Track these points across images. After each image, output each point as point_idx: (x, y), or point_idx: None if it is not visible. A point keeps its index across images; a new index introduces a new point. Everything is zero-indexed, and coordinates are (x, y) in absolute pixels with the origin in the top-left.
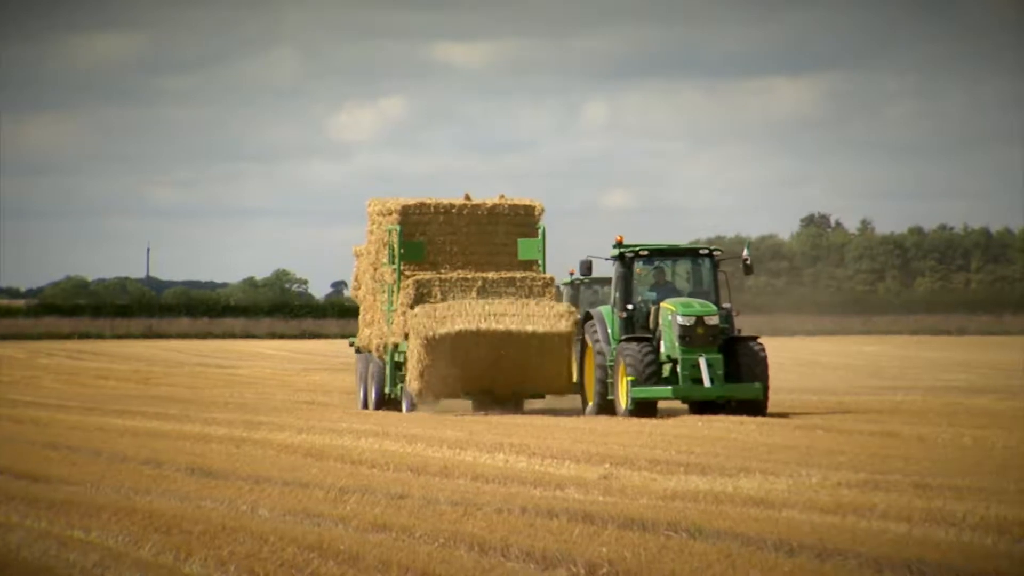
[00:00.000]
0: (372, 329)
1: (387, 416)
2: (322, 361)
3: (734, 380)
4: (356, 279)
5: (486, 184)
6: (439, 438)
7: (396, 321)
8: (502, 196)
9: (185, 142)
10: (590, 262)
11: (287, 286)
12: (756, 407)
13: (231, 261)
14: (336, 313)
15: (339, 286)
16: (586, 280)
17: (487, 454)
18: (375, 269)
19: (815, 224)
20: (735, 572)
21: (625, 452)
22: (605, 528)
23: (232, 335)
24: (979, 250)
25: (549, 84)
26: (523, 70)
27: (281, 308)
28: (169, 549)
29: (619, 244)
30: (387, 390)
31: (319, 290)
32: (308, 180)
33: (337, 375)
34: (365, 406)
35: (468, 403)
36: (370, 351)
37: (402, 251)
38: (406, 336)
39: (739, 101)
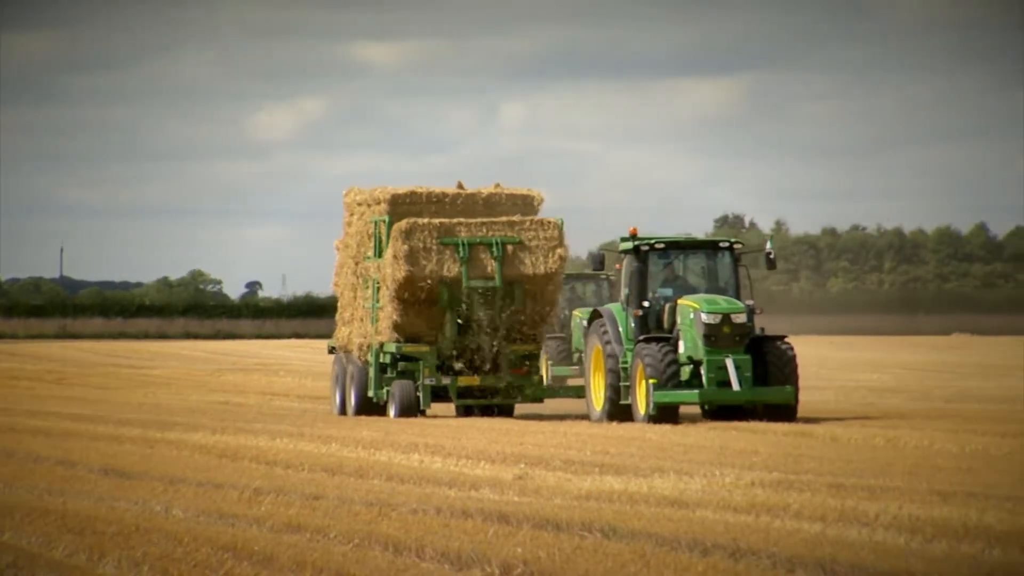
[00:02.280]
0: (352, 328)
1: (302, 416)
2: (236, 361)
3: (762, 383)
4: (338, 274)
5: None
6: (354, 439)
7: (382, 318)
8: (497, 185)
9: (100, 142)
10: (603, 255)
11: (201, 286)
12: (786, 412)
13: (146, 261)
14: (251, 313)
15: (253, 286)
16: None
17: (402, 454)
18: (356, 263)
19: (729, 225)
20: (649, 572)
21: (540, 452)
22: (520, 528)
23: (146, 335)
24: (892, 251)
25: (467, 84)
26: (441, 70)
27: (195, 308)
28: (82, 550)
29: (633, 236)
30: (371, 394)
31: (234, 290)
32: (225, 180)
33: (251, 375)
34: (343, 412)
35: (466, 407)
36: (348, 351)
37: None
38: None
39: (654, 102)
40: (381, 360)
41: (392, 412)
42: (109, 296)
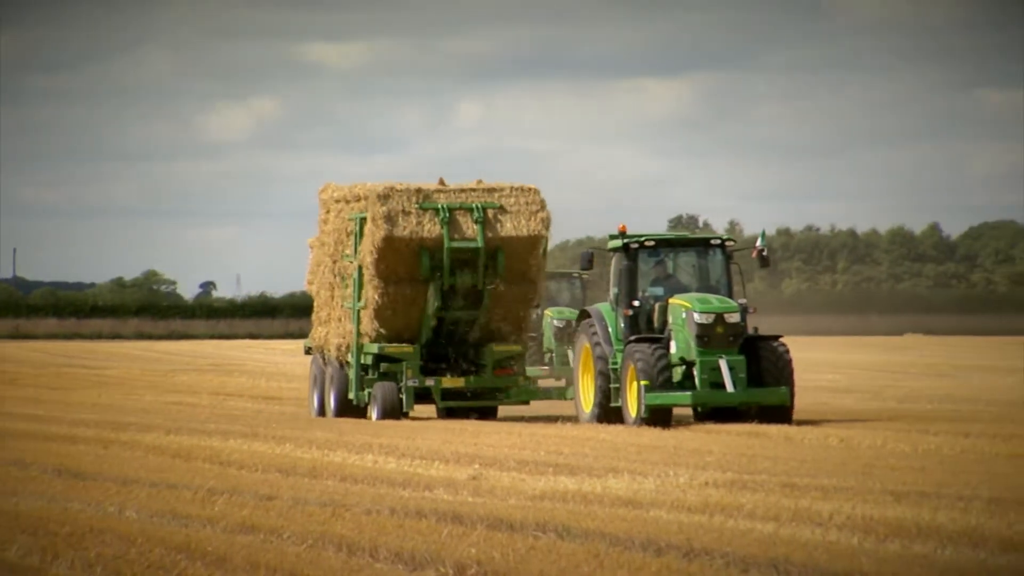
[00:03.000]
0: (329, 328)
1: (256, 416)
2: (190, 362)
3: (756, 384)
4: (312, 272)
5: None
6: (308, 439)
7: (364, 318)
8: (479, 181)
9: (52, 142)
10: (591, 254)
11: (155, 287)
12: (782, 413)
13: (99, 261)
14: (204, 314)
15: (207, 286)
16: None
17: (356, 455)
18: (333, 262)
19: (683, 225)
20: (603, 572)
21: (494, 453)
22: (474, 529)
23: (100, 336)
24: (846, 251)
25: (422, 84)
26: (396, 70)
27: (149, 309)
28: (36, 551)
29: (622, 234)
30: (351, 396)
31: (188, 291)
32: (179, 180)
33: (205, 376)
34: (321, 414)
35: (456, 412)
36: (327, 352)
37: None
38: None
39: (609, 102)
40: (362, 361)
41: (374, 415)
42: (62, 296)
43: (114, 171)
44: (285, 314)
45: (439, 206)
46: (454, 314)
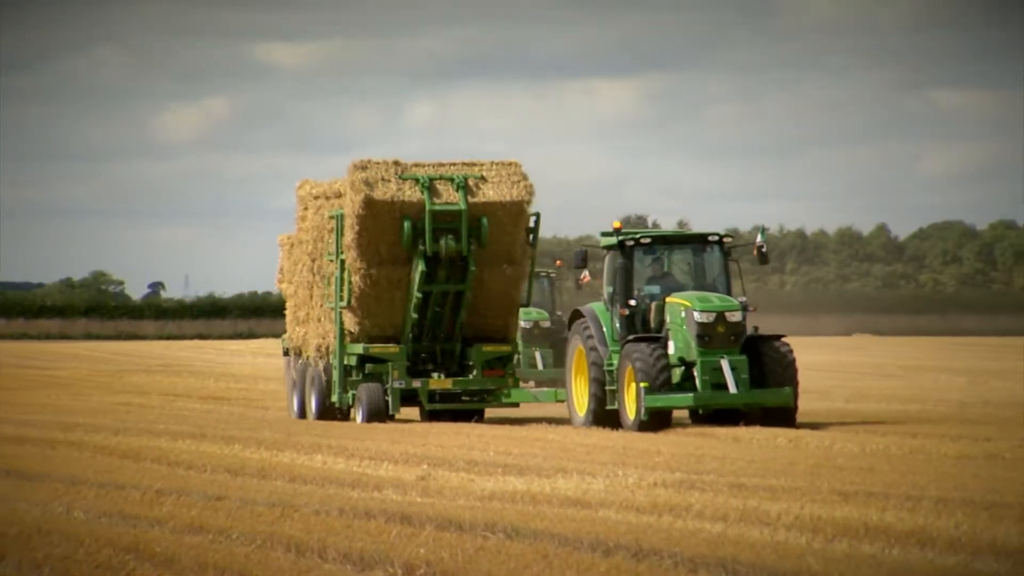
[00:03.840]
0: (309, 328)
1: (205, 416)
2: (139, 362)
3: (758, 385)
4: (282, 271)
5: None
6: (256, 439)
7: (348, 317)
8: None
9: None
10: (584, 252)
11: (104, 287)
12: (785, 415)
13: (47, 261)
14: (153, 314)
15: (156, 287)
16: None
17: (305, 455)
18: (312, 260)
19: (631, 225)
20: (552, 572)
21: (443, 453)
22: (423, 529)
23: (48, 336)
24: (794, 251)
25: (374, 84)
26: (347, 70)
27: (97, 309)
28: None
29: (617, 231)
30: (334, 398)
31: (136, 291)
32: (128, 180)
33: (154, 376)
34: (302, 416)
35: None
36: (305, 353)
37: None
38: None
39: (561, 102)
40: (346, 362)
41: (359, 417)
42: (10, 296)
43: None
44: (234, 315)
45: (419, 176)
46: (439, 288)
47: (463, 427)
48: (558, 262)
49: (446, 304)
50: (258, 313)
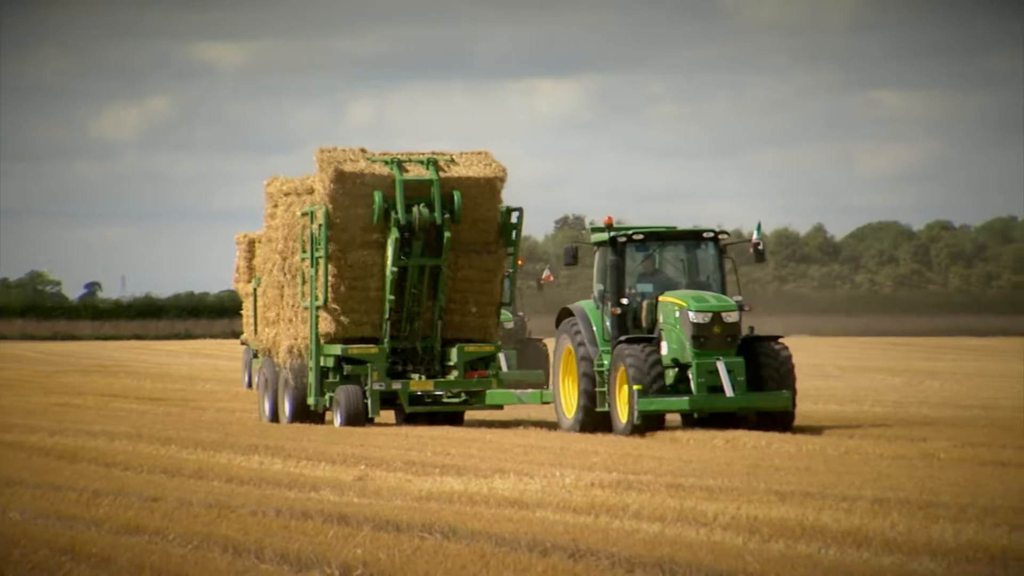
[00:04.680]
0: (279, 329)
1: (142, 417)
2: (75, 363)
3: (755, 388)
4: (238, 270)
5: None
6: (193, 440)
7: (323, 317)
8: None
9: None
10: (575, 249)
11: (40, 287)
12: (783, 419)
13: None
14: (90, 315)
15: (92, 287)
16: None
17: (242, 456)
18: (283, 259)
19: (569, 226)
20: (489, 573)
21: (380, 454)
22: (360, 529)
23: None
24: (733, 252)
25: (313, 84)
26: (288, 70)
27: (34, 309)
28: None
29: (608, 227)
30: (310, 401)
31: (73, 291)
32: (66, 179)
33: (90, 377)
34: (274, 419)
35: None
36: (275, 355)
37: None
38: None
39: (502, 102)
40: (322, 364)
41: (337, 420)
42: None
43: (1, 170)
44: (171, 315)
45: (387, 159)
46: (415, 262)
47: (400, 428)
48: (519, 260)
49: (423, 285)
50: (195, 314)
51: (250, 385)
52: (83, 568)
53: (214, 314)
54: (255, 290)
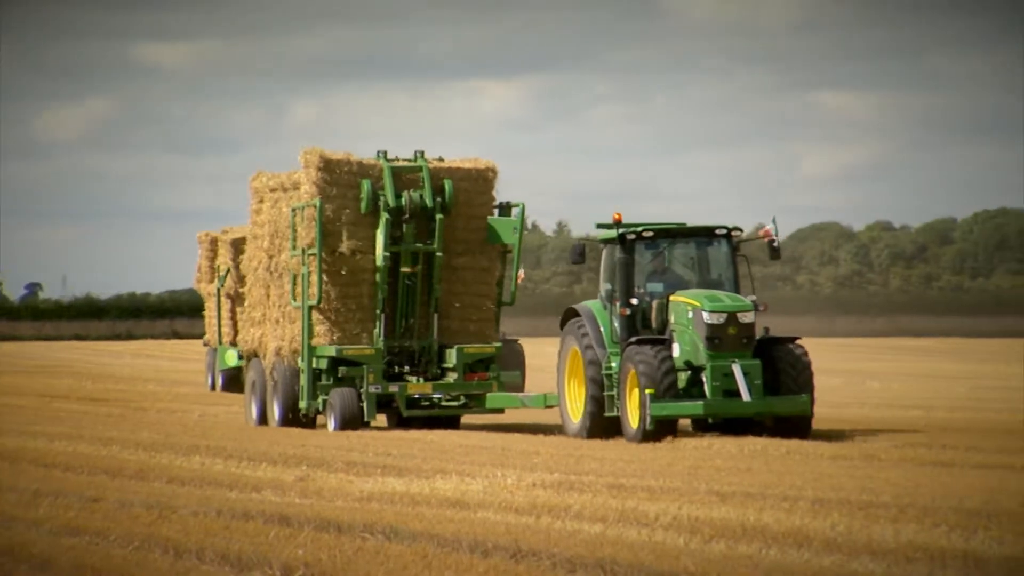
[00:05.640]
0: (265, 330)
1: (83, 418)
2: (15, 363)
3: (772, 392)
4: (200, 270)
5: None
6: (134, 440)
7: (316, 320)
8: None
9: None
10: (583, 247)
11: None
12: (801, 424)
13: None
14: (30, 315)
15: (33, 287)
16: None
17: (183, 456)
18: (269, 257)
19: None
20: (431, 573)
21: (322, 454)
22: (301, 530)
23: None
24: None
25: (256, 84)
26: (230, 70)
27: None
28: None
29: (617, 223)
30: (302, 405)
31: (13, 291)
32: (6, 180)
33: (31, 377)
34: (262, 423)
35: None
36: (262, 356)
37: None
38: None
39: (445, 103)
40: (315, 366)
41: (331, 425)
42: None
43: None
44: (112, 316)
45: (375, 161)
46: (408, 248)
47: (342, 431)
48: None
49: (417, 276)
50: (136, 314)
51: (214, 387)
52: (23, 569)
53: (155, 314)
54: (219, 290)
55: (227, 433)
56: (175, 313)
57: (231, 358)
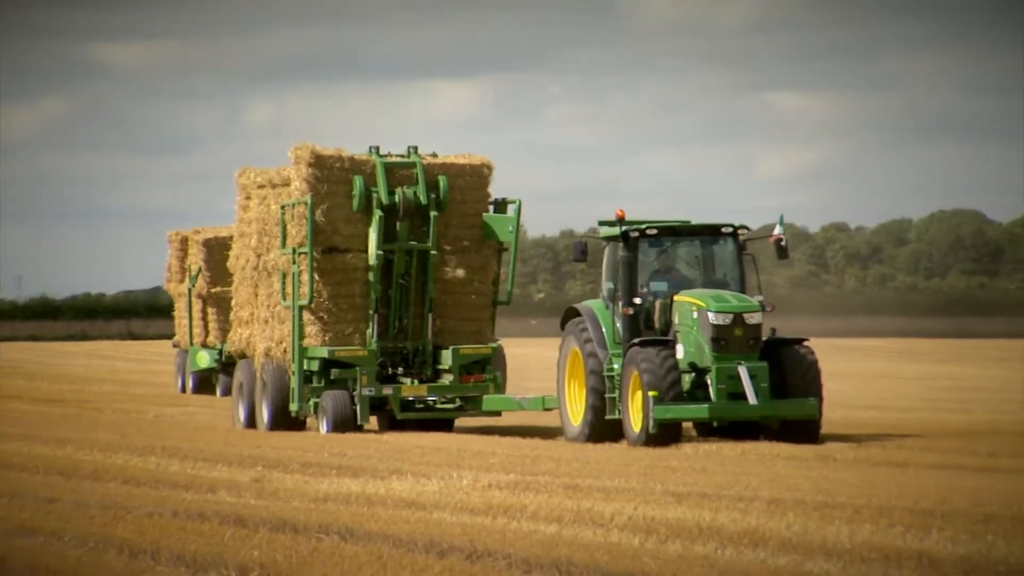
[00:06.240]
0: (253, 330)
1: (37, 418)
2: None
3: (779, 395)
4: (170, 269)
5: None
6: (90, 441)
7: (307, 321)
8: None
9: None
10: (585, 244)
11: None
12: (809, 429)
13: None
14: None
15: None
16: None
17: (139, 457)
18: (258, 256)
19: None
20: (386, 574)
21: (278, 455)
22: (257, 531)
23: None
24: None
25: (211, 84)
26: (185, 70)
27: None
28: None
29: (620, 220)
30: (293, 407)
31: None
32: None
33: None
34: (250, 426)
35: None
36: (251, 358)
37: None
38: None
39: (401, 103)
40: (306, 367)
41: (323, 428)
42: None
43: None
44: (67, 316)
45: (367, 154)
46: (401, 246)
47: (295, 432)
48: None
49: (411, 276)
50: (92, 315)
51: (184, 389)
52: None
53: (111, 315)
54: (189, 290)
55: (183, 434)
56: (131, 314)
57: (203, 359)
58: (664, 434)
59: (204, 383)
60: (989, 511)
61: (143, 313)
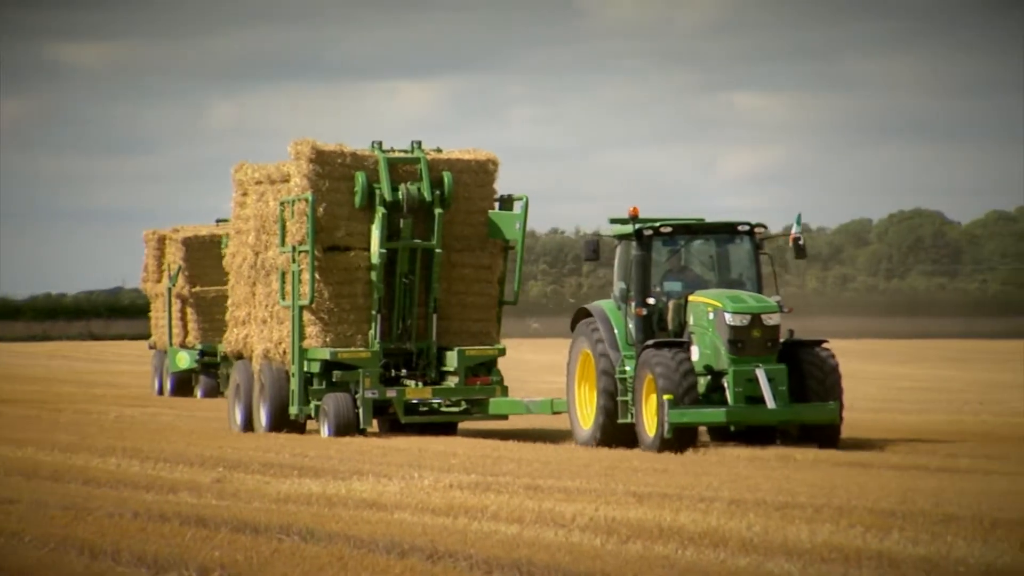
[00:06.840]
0: (251, 330)
1: (0, 419)
2: None
3: (799, 399)
4: (147, 269)
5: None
6: (51, 442)
7: (308, 321)
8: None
9: None
10: (597, 243)
11: None
12: (829, 433)
13: None
14: None
15: None
16: None
17: (99, 458)
18: (256, 254)
19: None
20: (347, 574)
21: (238, 456)
22: (218, 532)
23: None
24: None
25: (171, 85)
26: (145, 71)
27: None
28: None
29: (634, 218)
30: (293, 410)
31: None
32: None
33: None
34: (248, 428)
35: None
36: (249, 358)
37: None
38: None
39: (362, 103)
40: (306, 369)
41: (324, 431)
42: None
43: None
44: (27, 317)
45: (369, 149)
46: (405, 244)
47: (256, 430)
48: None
49: (415, 275)
50: (52, 316)
51: (161, 391)
52: None
53: (71, 316)
54: (169, 289)
55: (143, 435)
56: (91, 314)
57: (183, 360)
58: (679, 439)
59: (183, 385)
60: (949, 511)
61: (104, 314)
